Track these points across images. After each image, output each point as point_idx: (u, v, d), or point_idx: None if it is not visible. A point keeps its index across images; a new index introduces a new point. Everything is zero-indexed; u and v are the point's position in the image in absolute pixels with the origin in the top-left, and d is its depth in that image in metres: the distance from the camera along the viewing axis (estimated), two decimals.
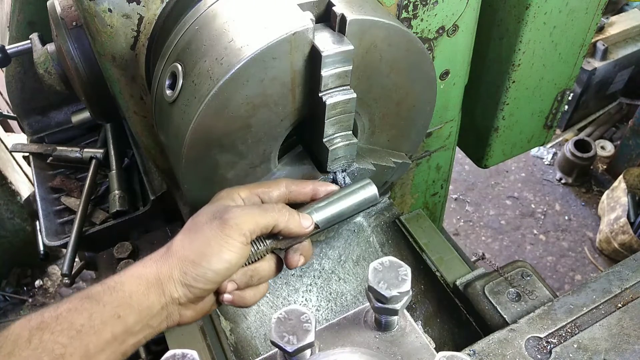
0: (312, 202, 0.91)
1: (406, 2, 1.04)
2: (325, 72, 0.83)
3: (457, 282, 1.21)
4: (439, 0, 1.06)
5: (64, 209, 1.66)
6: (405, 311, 0.83)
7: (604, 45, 3.46)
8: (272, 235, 0.87)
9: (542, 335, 1.00)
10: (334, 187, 0.94)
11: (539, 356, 0.97)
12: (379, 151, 1.08)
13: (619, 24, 3.59)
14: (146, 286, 0.76)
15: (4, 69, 1.75)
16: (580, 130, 4.01)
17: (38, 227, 1.62)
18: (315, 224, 0.88)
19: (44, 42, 1.30)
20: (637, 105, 3.81)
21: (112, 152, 1.72)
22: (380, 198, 0.99)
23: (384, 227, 1.38)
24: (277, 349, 0.74)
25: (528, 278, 1.17)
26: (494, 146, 1.57)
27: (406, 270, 0.78)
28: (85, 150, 1.74)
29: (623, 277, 1.08)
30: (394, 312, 0.78)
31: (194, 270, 0.77)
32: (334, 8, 0.85)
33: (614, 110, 4.04)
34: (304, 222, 0.87)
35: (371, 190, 0.93)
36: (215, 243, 0.78)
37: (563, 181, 3.77)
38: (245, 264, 0.85)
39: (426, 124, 1.12)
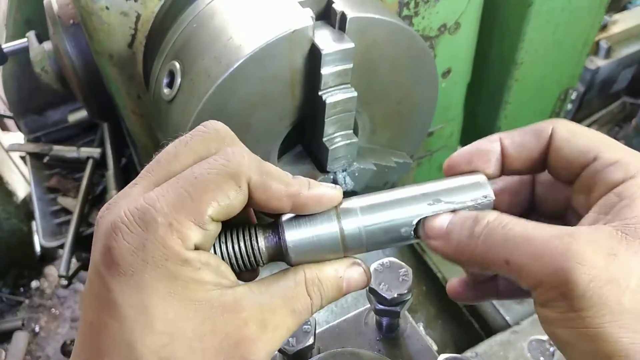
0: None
1: None
2: (325, 71, 0.82)
3: None
4: None
5: (61, 209, 1.66)
6: (406, 313, 0.82)
7: (607, 43, 3.45)
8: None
9: (544, 337, 0.99)
10: (331, 192, 0.51)
11: (541, 358, 0.96)
12: (380, 150, 1.07)
13: (622, 22, 3.56)
14: None
15: (0, 67, 1.75)
16: None
17: (34, 228, 1.61)
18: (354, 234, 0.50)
19: (40, 41, 1.29)
20: None
21: (109, 152, 1.71)
22: None
23: None
24: (276, 352, 0.73)
25: None
26: None
27: (407, 271, 0.77)
28: (82, 149, 1.74)
29: None
30: (395, 314, 0.77)
31: None
32: (334, 5, 0.84)
33: (617, 109, 4.03)
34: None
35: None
36: None
37: None
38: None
39: (428, 123, 1.11)
